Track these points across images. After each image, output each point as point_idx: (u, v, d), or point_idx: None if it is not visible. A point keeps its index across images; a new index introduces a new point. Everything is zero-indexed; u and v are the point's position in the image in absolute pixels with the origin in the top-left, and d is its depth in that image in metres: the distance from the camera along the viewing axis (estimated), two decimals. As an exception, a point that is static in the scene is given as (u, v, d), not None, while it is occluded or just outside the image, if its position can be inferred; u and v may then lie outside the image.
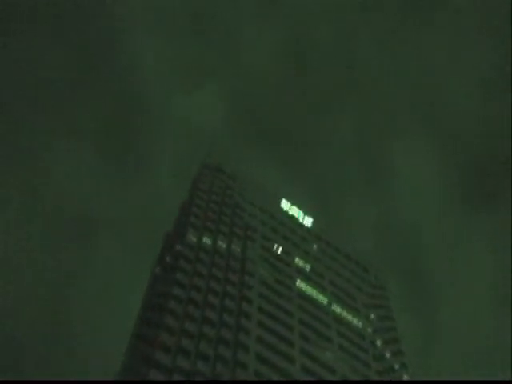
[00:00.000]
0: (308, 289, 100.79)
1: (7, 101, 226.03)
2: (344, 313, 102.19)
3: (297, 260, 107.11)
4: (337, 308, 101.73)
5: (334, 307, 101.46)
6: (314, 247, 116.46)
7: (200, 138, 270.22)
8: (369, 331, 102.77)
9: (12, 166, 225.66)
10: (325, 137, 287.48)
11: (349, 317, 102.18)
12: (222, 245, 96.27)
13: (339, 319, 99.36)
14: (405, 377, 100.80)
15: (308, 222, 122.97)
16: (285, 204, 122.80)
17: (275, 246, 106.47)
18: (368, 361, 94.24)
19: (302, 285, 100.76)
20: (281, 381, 77.37)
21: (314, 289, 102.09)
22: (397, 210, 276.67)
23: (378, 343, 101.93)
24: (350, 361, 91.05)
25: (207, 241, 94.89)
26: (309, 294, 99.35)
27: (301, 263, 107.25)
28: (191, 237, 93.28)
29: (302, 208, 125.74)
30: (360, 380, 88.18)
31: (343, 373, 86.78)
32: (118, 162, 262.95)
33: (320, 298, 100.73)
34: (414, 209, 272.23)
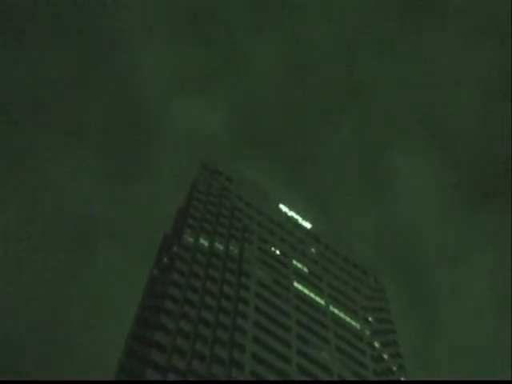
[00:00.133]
0: (306, 290, 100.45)
1: (7, 101, 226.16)
2: (342, 314, 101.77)
3: (294, 262, 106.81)
4: (334, 310, 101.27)
5: (332, 309, 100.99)
6: (312, 249, 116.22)
7: (200, 139, 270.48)
8: (367, 333, 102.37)
9: (12, 166, 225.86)
10: (325, 137, 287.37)
11: (347, 318, 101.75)
12: (219, 246, 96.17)
13: (337, 321, 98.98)
14: (402, 379, 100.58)
15: (306, 225, 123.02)
16: (283, 207, 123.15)
17: (273, 248, 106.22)
18: (365, 362, 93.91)
19: (300, 286, 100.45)
20: (279, 381, 77.16)
21: (312, 290, 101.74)
22: (397, 210, 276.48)
23: (376, 345, 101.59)
24: (347, 362, 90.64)
25: (204, 242, 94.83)
26: (306, 296, 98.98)
27: (299, 265, 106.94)
28: (188, 238, 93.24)
29: (301, 212, 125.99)
30: (358, 380, 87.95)
31: (340, 373, 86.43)
32: (118, 163, 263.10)
33: (318, 300, 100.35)
34: (414, 209, 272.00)
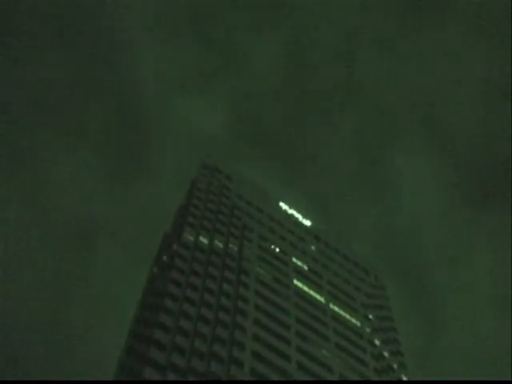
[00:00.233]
0: (305, 288, 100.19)
1: (7, 101, 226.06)
2: (342, 312, 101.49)
3: (294, 260, 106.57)
4: (334, 307, 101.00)
5: (332, 306, 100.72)
6: (312, 247, 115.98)
7: (200, 138, 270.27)
8: (367, 331, 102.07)
9: (12, 166, 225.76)
10: (325, 137, 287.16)
11: (347, 316, 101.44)
12: (219, 244, 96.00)
13: (337, 318, 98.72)
14: (403, 376, 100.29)
15: (306, 223, 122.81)
16: (283, 205, 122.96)
17: (272, 246, 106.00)
18: (366, 360, 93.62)
19: (300, 284, 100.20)
20: (281, 381, 76.80)
21: (312, 288, 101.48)
22: (397, 210, 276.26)
23: (377, 343, 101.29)
24: (348, 359, 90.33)
25: (204, 240, 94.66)
26: (306, 293, 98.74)
27: (298, 263, 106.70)
28: (188, 236, 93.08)
29: (301, 210, 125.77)
30: (360, 380, 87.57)
31: (340, 371, 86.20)
32: (118, 163, 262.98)
33: (317, 297, 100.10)
34: (414, 209, 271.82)
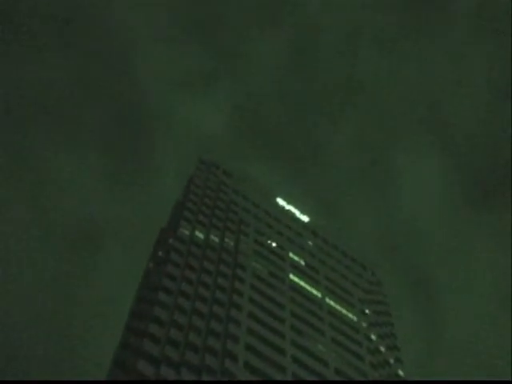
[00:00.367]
0: (301, 282, 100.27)
1: (7, 101, 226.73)
2: (338, 307, 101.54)
3: (291, 254, 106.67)
4: (331, 302, 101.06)
5: (328, 301, 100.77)
6: (310, 243, 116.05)
7: (200, 139, 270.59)
8: (363, 325, 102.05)
9: (12, 166, 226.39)
10: (325, 137, 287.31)
11: (343, 311, 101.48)
12: (215, 239, 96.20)
13: (333, 313, 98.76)
14: (400, 371, 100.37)
15: (304, 219, 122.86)
16: (281, 201, 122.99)
17: (269, 241, 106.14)
18: (362, 354, 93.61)
19: (296, 278, 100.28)
20: (283, 380, 76.66)
21: (308, 283, 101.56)
22: (397, 210, 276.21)
23: (373, 337, 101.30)
24: (343, 353, 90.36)
25: (200, 235, 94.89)
26: (302, 288, 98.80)
27: (295, 258, 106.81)
28: (184, 231, 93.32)
29: (299, 206, 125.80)
30: (362, 380, 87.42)
31: (336, 365, 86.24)
32: (118, 163, 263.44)
33: (313, 292, 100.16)
34: (414, 209, 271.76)
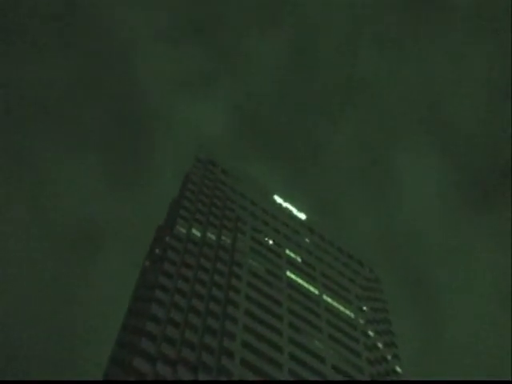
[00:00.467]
0: (298, 279, 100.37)
1: (7, 101, 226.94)
2: (335, 303, 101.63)
3: (288, 252, 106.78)
4: (328, 299, 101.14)
5: (325, 298, 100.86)
6: (307, 240, 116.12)
7: (200, 139, 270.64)
8: (361, 322, 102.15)
9: (12, 166, 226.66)
10: (325, 137, 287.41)
11: (340, 307, 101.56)
12: (212, 236, 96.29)
13: (330, 310, 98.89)
14: (397, 368, 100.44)
15: (301, 216, 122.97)
16: (278, 199, 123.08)
17: (266, 238, 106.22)
18: (359, 350, 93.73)
19: (293, 276, 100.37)
20: (286, 381, 76.74)
21: (305, 280, 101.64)
22: (397, 210, 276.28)
23: (371, 334, 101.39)
24: (340, 350, 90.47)
25: (196, 232, 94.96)
26: (299, 285, 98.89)
27: (292, 255, 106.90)
28: (180, 228, 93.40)
29: (296, 204, 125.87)
30: (363, 380, 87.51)
31: (333, 362, 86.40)
32: (118, 163, 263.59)
33: (311, 289, 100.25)
34: (414, 209, 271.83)
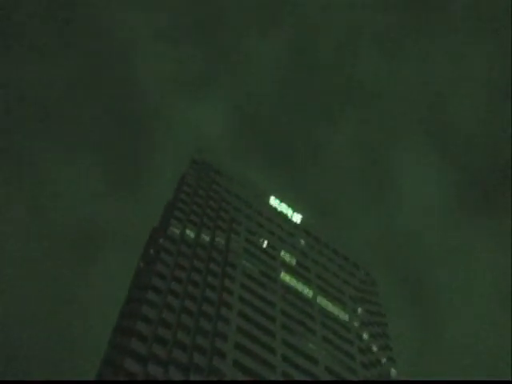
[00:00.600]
0: (293, 281, 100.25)
1: (7, 101, 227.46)
2: (330, 306, 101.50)
3: (282, 253, 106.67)
4: (322, 301, 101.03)
5: (320, 300, 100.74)
6: (302, 242, 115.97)
7: (200, 139, 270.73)
8: (355, 325, 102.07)
9: (12, 167, 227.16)
10: (325, 137, 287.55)
11: (335, 310, 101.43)
12: (206, 237, 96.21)
13: (324, 312, 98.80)
14: (392, 370, 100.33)
15: (297, 219, 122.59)
16: (273, 200, 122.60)
17: (260, 240, 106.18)
18: (353, 353, 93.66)
19: (287, 277, 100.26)
20: (281, 381, 76.64)
21: (299, 281, 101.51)
22: (396, 210, 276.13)
23: (365, 336, 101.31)
24: (334, 352, 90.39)
25: (190, 233, 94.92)
26: (293, 287, 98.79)
27: (286, 257, 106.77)
28: (174, 230, 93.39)
29: (292, 205, 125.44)
30: (357, 380, 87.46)
31: (326, 364, 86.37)
32: (118, 163, 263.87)
33: (305, 291, 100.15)
34: (414, 209, 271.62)
